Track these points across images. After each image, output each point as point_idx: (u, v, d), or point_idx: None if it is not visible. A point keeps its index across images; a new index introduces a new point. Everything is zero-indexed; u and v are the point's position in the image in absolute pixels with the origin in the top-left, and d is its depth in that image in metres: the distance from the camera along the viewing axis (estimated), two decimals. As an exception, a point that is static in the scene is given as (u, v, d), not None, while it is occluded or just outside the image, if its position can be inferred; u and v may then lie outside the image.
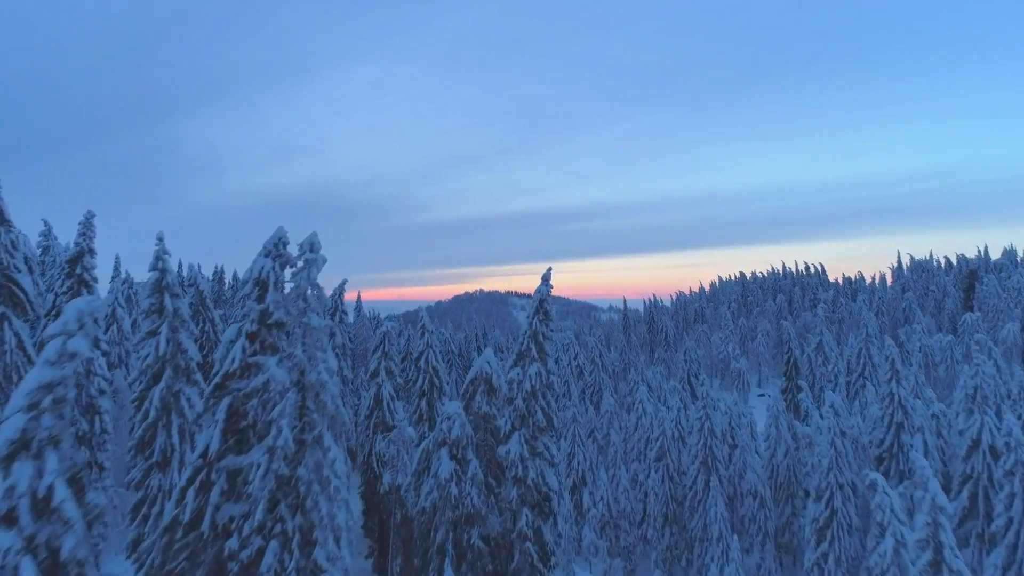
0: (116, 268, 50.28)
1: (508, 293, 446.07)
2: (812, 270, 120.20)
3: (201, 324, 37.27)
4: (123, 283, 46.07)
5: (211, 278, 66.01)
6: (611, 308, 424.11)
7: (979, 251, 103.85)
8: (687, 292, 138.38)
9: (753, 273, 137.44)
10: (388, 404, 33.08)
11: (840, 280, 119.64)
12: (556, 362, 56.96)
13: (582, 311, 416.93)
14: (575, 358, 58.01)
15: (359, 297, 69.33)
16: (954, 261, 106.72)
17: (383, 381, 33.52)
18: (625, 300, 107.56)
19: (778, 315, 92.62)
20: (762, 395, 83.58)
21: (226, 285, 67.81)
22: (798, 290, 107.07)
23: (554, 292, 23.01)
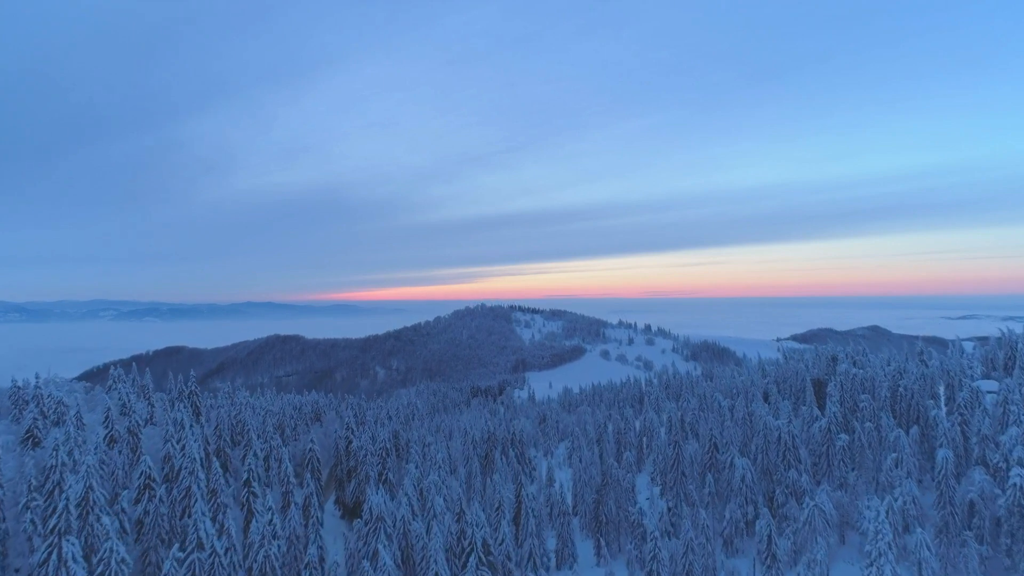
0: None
1: (512, 308, 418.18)
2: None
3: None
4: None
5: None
6: (620, 324, 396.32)
7: None
8: (737, 370, 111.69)
9: (818, 350, 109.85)
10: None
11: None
12: None
13: (590, 328, 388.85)
14: None
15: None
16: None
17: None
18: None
19: (944, 489, 65.51)
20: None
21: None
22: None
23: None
